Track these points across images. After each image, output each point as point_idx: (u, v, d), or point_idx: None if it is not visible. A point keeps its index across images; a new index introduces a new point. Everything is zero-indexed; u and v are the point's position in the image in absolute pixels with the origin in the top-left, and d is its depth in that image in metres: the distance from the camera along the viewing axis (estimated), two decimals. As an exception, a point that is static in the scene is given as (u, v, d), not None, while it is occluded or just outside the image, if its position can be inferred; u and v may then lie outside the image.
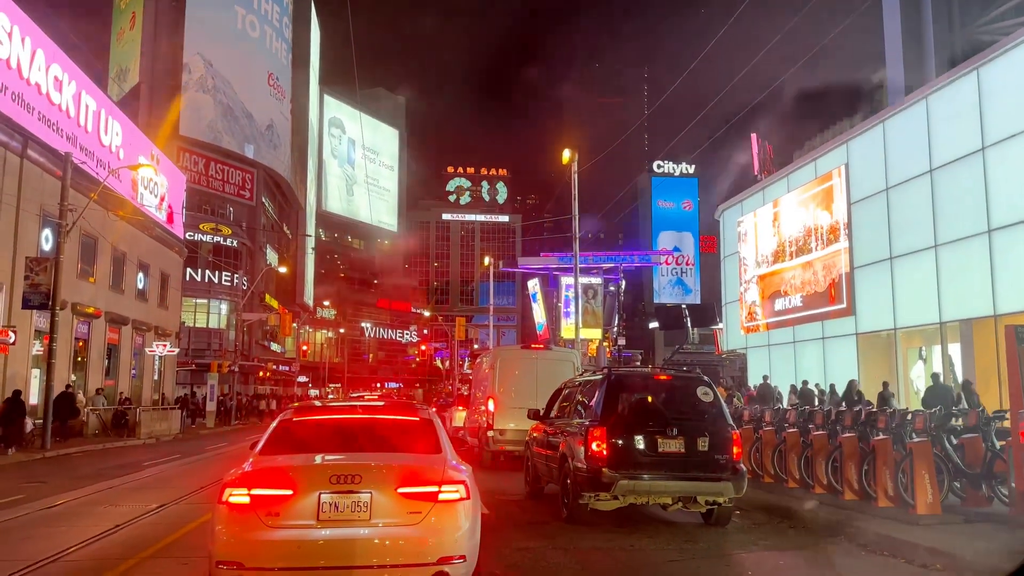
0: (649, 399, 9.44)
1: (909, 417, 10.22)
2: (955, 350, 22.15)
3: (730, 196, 38.82)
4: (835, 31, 29.73)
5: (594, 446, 8.80)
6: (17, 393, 22.08)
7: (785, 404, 22.10)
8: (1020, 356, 8.07)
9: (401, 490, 5.17)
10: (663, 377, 9.84)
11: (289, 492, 5.08)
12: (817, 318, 28.24)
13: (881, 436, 9.72)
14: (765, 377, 27.33)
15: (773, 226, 31.97)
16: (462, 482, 5.38)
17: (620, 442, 8.78)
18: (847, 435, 10.29)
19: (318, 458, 5.54)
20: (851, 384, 21.08)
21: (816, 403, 21.73)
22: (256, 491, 5.08)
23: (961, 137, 20.77)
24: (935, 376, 19.20)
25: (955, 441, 9.85)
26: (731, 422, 9.30)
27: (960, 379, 21.02)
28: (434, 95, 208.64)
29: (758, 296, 33.12)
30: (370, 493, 5.12)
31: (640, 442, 8.77)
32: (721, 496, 8.85)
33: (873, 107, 45.94)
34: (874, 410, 11.71)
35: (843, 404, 18.42)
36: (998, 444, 9.45)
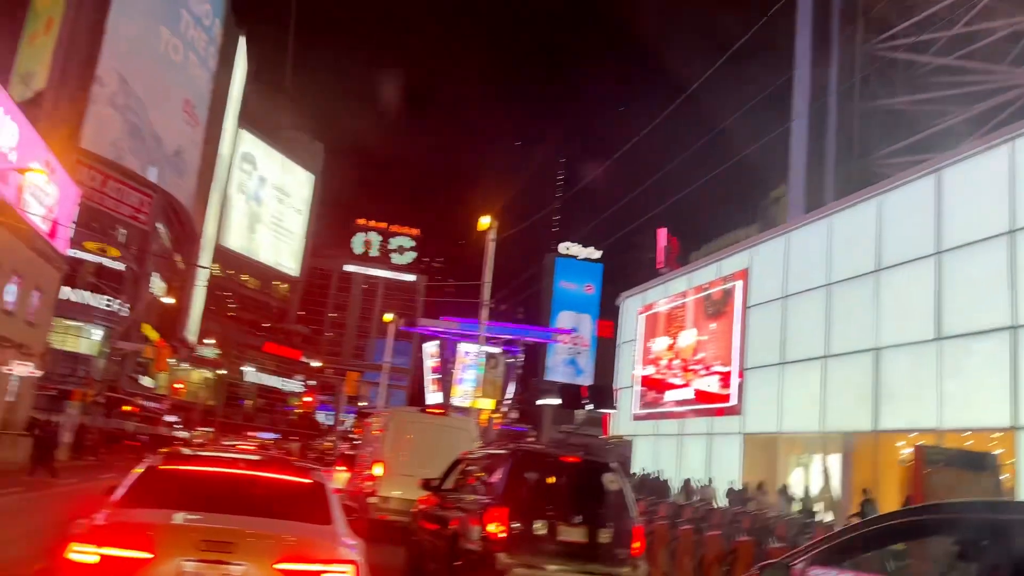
0: (554, 481, 9.02)
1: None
2: (834, 460, 22.81)
3: (633, 285, 39.68)
4: (745, 152, 31.53)
5: (491, 527, 8.24)
6: None
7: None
8: (926, 477, 8.14)
9: (279, 566, 4.51)
10: (572, 459, 9.43)
11: (148, 556, 4.36)
12: (706, 413, 28.71)
13: (778, 544, 9.61)
14: (643, 470, 27.46)
15: (671, 319, 32.68)
16: (353, 562, 4.77)
17: (520, 525, 8.26)
18: (744, 539, 10.13)
19: (185, 517, 4.82)
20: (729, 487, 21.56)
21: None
22: (107, 550, 4.34)
23: (859, 257, 21.87)
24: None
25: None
26: (635, 514, 8.97)
27: (837, 490, 21.65)
28: (354, 148, 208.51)
29: (650, 385, 33.54)
30: (243, 566, 4.45)
31: (541, 528, 8.28)
32: (620, 592, 8.42)
33: (768, 220, 48.47)
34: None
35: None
36: None
